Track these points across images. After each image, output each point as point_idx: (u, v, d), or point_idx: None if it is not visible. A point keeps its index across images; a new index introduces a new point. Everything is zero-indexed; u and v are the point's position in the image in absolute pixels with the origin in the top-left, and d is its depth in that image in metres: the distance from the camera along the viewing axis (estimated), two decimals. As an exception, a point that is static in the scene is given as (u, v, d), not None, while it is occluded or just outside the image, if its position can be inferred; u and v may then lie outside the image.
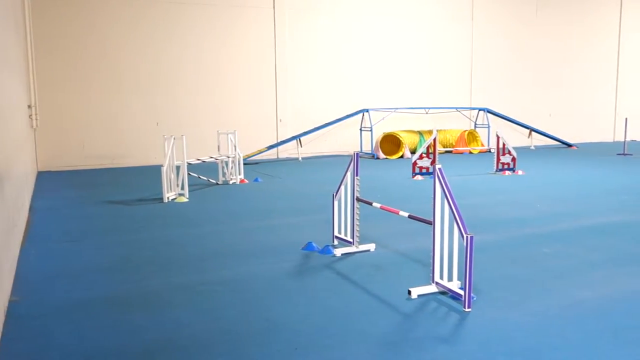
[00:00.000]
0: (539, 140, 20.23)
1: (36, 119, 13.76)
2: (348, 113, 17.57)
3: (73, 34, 14.79)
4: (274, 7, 17.07)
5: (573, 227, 7.09)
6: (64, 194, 10.54)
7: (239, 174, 11.74)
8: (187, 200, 9.52)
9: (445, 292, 4.56)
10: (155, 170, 10.34)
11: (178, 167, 9.80)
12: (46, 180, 12.52)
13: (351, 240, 5.98)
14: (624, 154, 16.82)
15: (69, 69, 14.85)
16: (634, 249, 6.03)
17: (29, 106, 12.74)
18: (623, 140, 18.17)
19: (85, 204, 9.35)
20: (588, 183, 11.19)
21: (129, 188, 11.02)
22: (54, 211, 8.72)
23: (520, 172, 12.65)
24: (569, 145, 20.12)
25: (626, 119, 18.09)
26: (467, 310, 4.20)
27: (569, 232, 6.78)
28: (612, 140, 22.66)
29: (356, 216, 5.85)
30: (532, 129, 19.70)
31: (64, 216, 8.31)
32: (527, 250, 5.97)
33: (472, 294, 4.26)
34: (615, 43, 22.89)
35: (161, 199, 9.41)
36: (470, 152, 18.00)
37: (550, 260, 5.60)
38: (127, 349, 3.64)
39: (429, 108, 18.57)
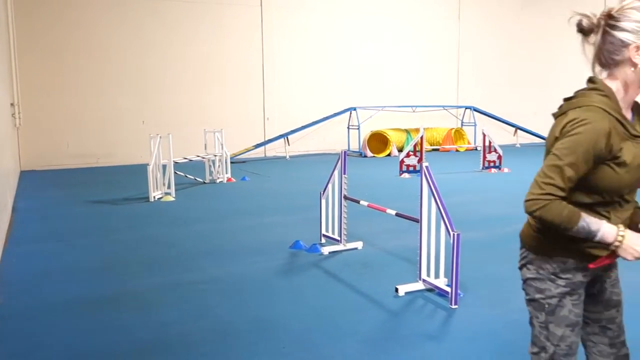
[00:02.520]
0: (524, 138, 20.38)
1: (19, 118, 13.62)
2: (335, 111, 17.58)
3: (57, 32, 14.65)
4: (261, 4, 17.03)
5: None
6: (48, 193, 10.44)
7: (226, 173, 11.70)
8: (173, 199, 9.47)
9: (432, 289, 4.58)
10: (141, 169, 10.28)
11: (164, 166, 9.75)
12: (30, 180, 12.40)
13: (339, 238, 5.99)
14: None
15: (54, 67, 14.70)
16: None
17: (12, 104, 12.60)
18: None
19: (70, 203, 9.27)
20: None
21: (114, 187, 10.94)
22: (38, 211, 8.63)
23: (506, 170, 12.74)
24: (554, 143, 20.26)
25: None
26: (453, 307, 4.22)
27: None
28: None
29: (344, 214, 5.86)
30: (517, 127, 19.84)
31: (48, 216, 8.23)
32: (513, 247, 5.99)
33: (458, 291, 4.28)
34: (599, 42, 23.08)
35: (147, 198, 9.36)
36: (457, 150, 18.10)
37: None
38: (114, 349, 3.62)
39: (416, 106, 18.63)
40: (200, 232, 7.03)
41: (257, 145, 16.58)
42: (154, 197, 9.36)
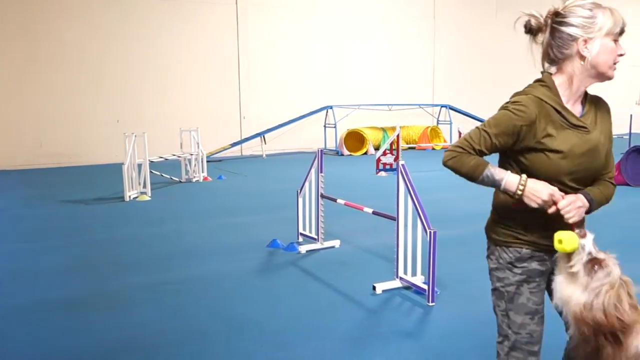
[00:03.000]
0: (499, 137, 20.61)
1: (-10, 117, 13.35)
2: (312, 110, 17.57)
3: (29, 30, 14.38)
4: (236, 3, 16.93)
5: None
6: (19, 193, 10.25)
7: (202, 172, 11.62)
8: (149, 198, 9.37)
9: (409, 287, 4.60)
10: (116, 168, 10.15)
11: (140, 165, 9.64)
12: (1, 180, 12.15)
13: (316, 237, 5.98)
14: (580, 150, 17.26)
15: (25, 65, 14.44)
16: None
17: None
18: (580, 136, 18.62)
19: (43, 203, 9.11)
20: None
21: (88, 187, 10.78)
22: (9, 211, 8.47)
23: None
24: (528, 141, 20.55)
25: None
26: (430, 304, 4.25)
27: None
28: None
29: (321, 213, 5.85)
30: (492, 126, 20.04)
31: (20, 216, 8.08)
32: (488, 245, 6.07)
33: (435, 289, 4.31)
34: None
35: (122, 197, 9.24)
36: (433, 149, 18.23)
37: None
38: (87, 350, 3.56)
39: (392, 105, 18.72)
40: (176, 231, 6.96)
41: (234, 144, 16.49)
42: (130, 196, 9.25)
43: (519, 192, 1.95)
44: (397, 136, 12.48)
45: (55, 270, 5.34)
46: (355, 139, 17.66)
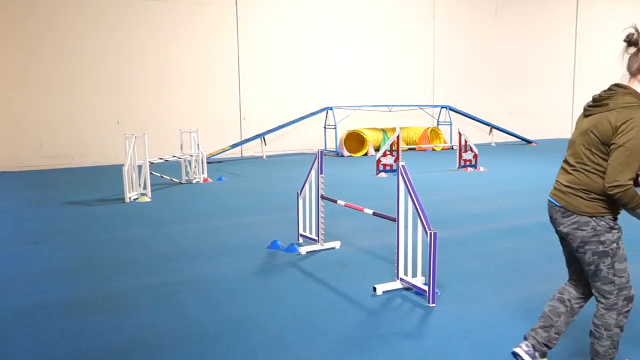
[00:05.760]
0: (499, 137, 20.63)
1: (-9, 118, 13.36)
2: (312, 111, 17.58)
3: (30, 31, 14.40)
4: (236, 4, 16.95)
5: (533, 221, 7.24)
6: (20, 195, 10.25)
7: (203, 173, 11.62)
8: (149, 200, 9.37)
9: (410, 288, 4.60)
10: (117, 169, 10.16)
11: (140, 167, 9.64)
12: (1, 181, 12.16)
13: (316, 238, 5.98)
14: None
15: (26, 66, 14.45)
16: None
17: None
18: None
19: (43, 205, 9.11)
20: (547, 178, 11.39)
21: (89, 188, 10.79)
22: (10, 213, 8.47)
23: (481, 169, 12.87)
24: (529, 142, 20.58)
25: (583, 116, 18.56)
26: (431, 305, 4.25)
27: (529, 227, 6.92)
28: (569, 137, 23.23)
29: (321, 214, 5.85)
30: (492, 126, 20.06)
31: (21, 218, 8.08)
32: (488, 245, 6.08)
33: (436, 290, 4.31)
34: (572, 43, 23.50)
35: (123, 199, 9.25)
36: (433, 149, 18.23)
37: (511, 255, 5.71)
38: (88, 351, 3.56)
39: (392, 106, 18.73)
40: (177, 232, 6.97)
41: (234, 145, 16.49)
42: (130, 197, 9.25)
43: None
44: (397, 137, 12.48)
45: (56, 272, 5.34)
46: (355, 140, 17.66)
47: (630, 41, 2.54)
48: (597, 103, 2.68)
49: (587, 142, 2.66)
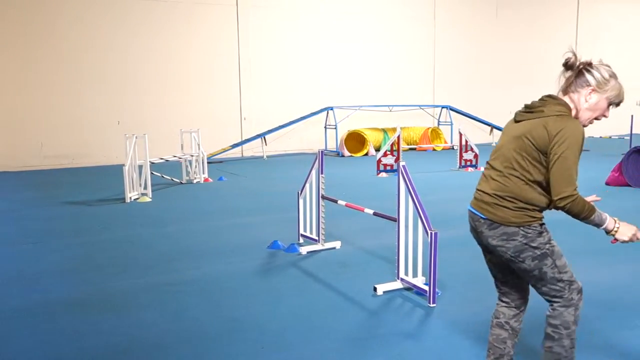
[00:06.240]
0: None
1: (-9, 118, 13.36)
2: (313, 111, 17.58)
3: (29, 33, 14.41)
4: (237, 4, 16.95)
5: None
6: (21, 195, 10.26)
7: (203, 173, 11.62)
8: (150, 200, 9.38)
9: (411, 288, 4.60)
10: (117, 169, 10.16)
11: (140, 167, 9.65)
12: (2, 181, 12.17)
13: (317, 238, 5.98)
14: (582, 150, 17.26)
15: (27, 66, 14.46)
16: (590, 242, 6.19)
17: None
18: (580, 136, 18.62)
19: (44, 205, 9.12)
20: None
21: (89, 188, 10.79)
22: (11, 213, 8.48)
23: (482, 169, 12.86)
24: (529, 142, 20.55)
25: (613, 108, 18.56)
26: (431, 305, 4.25)
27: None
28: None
29: (321, 214, 5.85)
30: (493, 126, 20.05)
31: (22, 218, 8.09)
32: (489, 246, 6.06)
33: (436, 290, 4.31)
34: (572, 43, 23.49)
35: (123, 199, 9.25)
36: (434, 150, 18.23)
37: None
38: (89, 351, 3.56)
39: (393, 106, 18.73)
40: (177, 232, 6.97)
41: (234, 145, 16.50)
42: (130, 197, 9.26)
43: (614, 233, 2.61)
44: (398, 137, 12.48)
45: (57, 272, 5.34)
46: (355, 140, 17.66)
47: (567, 65, 2.68)
48: (531, 110, 2.69)
49: (520, 147, 2.62)
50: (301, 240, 6.25)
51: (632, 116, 16.52)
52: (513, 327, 2.98)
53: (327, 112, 17.76)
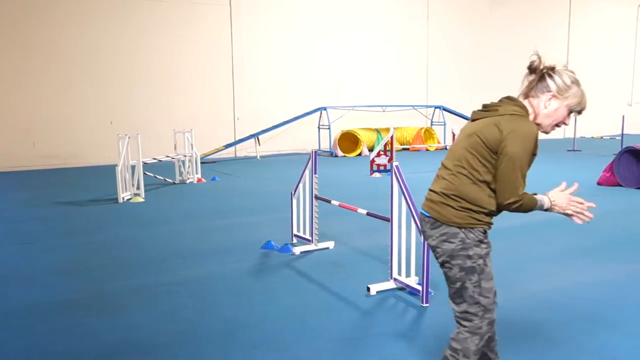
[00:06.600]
0: (493, 138, 20.67)
1: (-17, 118, 13.28)
2: (306, 111, 17.58)
3: (22, 31, 14.33)
4: (230, 4, 16.92)
5: (525, 221, 7.26)
6: (13, 195, 10.21)
7: (196, 173, 11.60)
8: (143, 200, 9.35)
9: (404, 288, 4.61)
10: (110, 170, 10.13)
11: (133, 167, 9.62)
12: (-6, 182, 12.10)
13: (310, 238, 5.98)
14: (573, 150, 17.36)
15: (19, 65, 14.38)
16: (584, 241, 6.23)
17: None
18: (573, 136, 18.75)
19: (36, 205, 9.07)
20: (540, 178, 11.44)
21: (82, 188, 10.75)
22: (3, 213, 8.43)
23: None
24: (522, 142, 20.63)
25: (575, 116, 18.65)
26: (424, 305, 4.26)
27: (522, 227, 6.95)
28: (562, 137, 23.35)
29: (315, 214, 5.85)
30: (486, 127, 20.11)
31: (13, 218, 8.04)
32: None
33: (429, 290, 4.32)
34: (564, 42, 23.60)
35: (116, 199, 9.22)
36: (427, 150, 18.27)
37: (504, 255, 5.73)
38: (82, 353, 3.55)
39: (386, 106, 18.75)
40: (170, 233, 6.95)
41: (228, 146, 16.47)
42: (123, 198, 9.23)
43: (552, 208, 2.55)
44: (391, 137, 12.50)
45: (49, 273, 5.32)
46: (349, 140, 17.68)
47: (530, 68, 2.61)
48: (487, 109, 2.63)
49: (470, 145, 2.54)
50: (294, 241, 6.25)
51: (623, 116, 16.63)
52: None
53: (321, 113, 17.76)
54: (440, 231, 2.57)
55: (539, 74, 2.59)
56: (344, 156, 16.92)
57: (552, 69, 2.58)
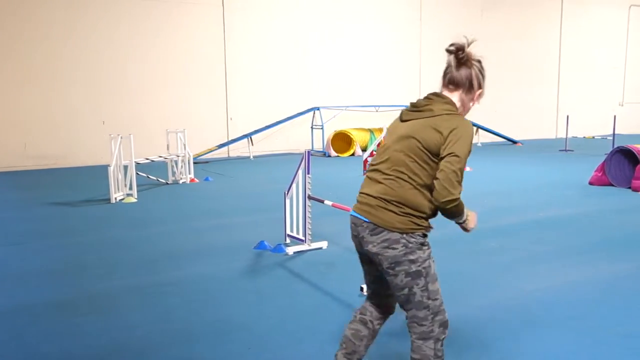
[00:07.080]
0: (485, 138, 20.75)
1: (-26, 118, 13.18)
2: (299, 111, 17.56)
3: (11, 30, 14.23)
4: (222, 4, 16.89)
5: (519, 221, 7.30)
6: (4, 195, 10.14)
7: (189, 173, 11.57)
8: (135, 200, 9.31)
9: (397, 287, 4.61)
10: (102, 170, 10.08)
11: (126, 167, 9.58)
12: (-15, 182, 12.01)
13: (303, 238, 5.98)
14: (565, 150, 17.44)
15: (8, 64, 14.28)
16: (575, 241, 6.26)
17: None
18: (565, 137, 18.84)
19: (28, 205, 9.02)
20: (533, 178, 11.54)
21: (74, 189, 10.69)
22: (-6, 214, 8.38)
23: (467, 169, 12.94)
24: (514, 142, 20.72)
25: (567, 116, 18.76)
26: (418, 305, 4.26)
27: (514, 226, 6.98)
28: (554, 137, 23.47)
29: (308, 214, 5.85)
30: (478, 127, 20.17)
31: (5, 219, 7.99)
32: (474, 245, 6.11)
33: (422, 289, 4.32)
34: (556, 43, 23.71)
35: (108, 199, 9.18)
36: (420, 150, 18.27)
37: (497, 254, 5.75)
38: (74, 354, 3.53)
39: (379, 106, 18.77)
40: (163, 233, 6.93)
41: (220, 146, 16.44)
42: (115, 198, 9.19)
43: (465, 224, 2.64)
44: (384, 137, 12.51)
45: (41, 273, 5.29)
46: (342, 140, 17.68)
47: (457, 58, 2.80)
48: (418, 109, 2.59)
49: (408, 147, 2.51)
50: (288, 241, 6.25)
51: (614, 116, 16.71)
52: (374, 329, 2.86)
53: (314, 113, 17.75)
54: (381, 237, 2.51)
55: (461, 65, 2.77)
56: (337, 156, 16.93)
57: (471, 60, 2.81)
